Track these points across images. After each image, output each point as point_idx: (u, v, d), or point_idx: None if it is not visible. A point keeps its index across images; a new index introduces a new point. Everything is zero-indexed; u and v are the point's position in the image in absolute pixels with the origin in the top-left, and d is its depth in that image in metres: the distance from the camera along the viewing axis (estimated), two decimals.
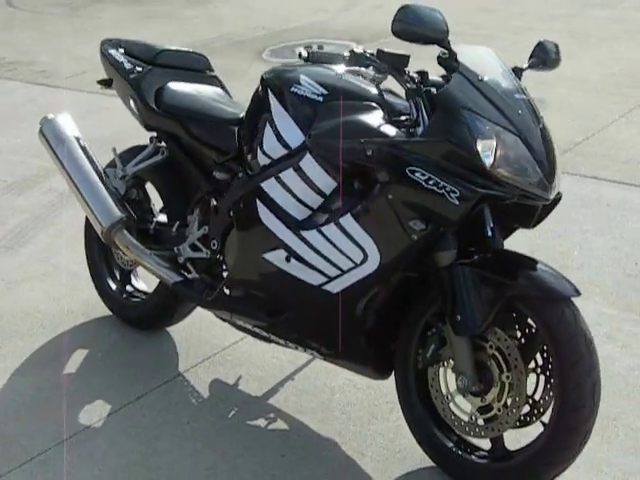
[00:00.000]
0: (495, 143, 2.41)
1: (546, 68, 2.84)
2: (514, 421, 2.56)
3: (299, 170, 2.72)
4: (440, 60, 2.57)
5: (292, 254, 2.74)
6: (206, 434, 2.96)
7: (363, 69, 2.59)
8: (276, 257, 2.78)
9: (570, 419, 2.45)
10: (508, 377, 2.54)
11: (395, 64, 2.56)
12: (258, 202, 2.80)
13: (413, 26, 2.42)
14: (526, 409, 2.60)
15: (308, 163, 2.70)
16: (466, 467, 2.68)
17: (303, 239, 2.71)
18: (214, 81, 3.44)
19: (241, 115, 3.04)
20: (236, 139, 3.01)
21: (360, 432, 2.95)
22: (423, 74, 2.60)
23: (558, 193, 2.64)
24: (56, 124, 3.48)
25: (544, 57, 2.81)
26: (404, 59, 2.58)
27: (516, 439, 2.68)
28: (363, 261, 2.61)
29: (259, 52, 7.88)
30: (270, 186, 2.79)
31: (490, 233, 2.54)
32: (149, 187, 3.49)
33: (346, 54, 2.59)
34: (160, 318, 3.46)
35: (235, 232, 2.95)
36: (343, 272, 2.66)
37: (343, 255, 2.64)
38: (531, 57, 2.82)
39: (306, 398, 3.13)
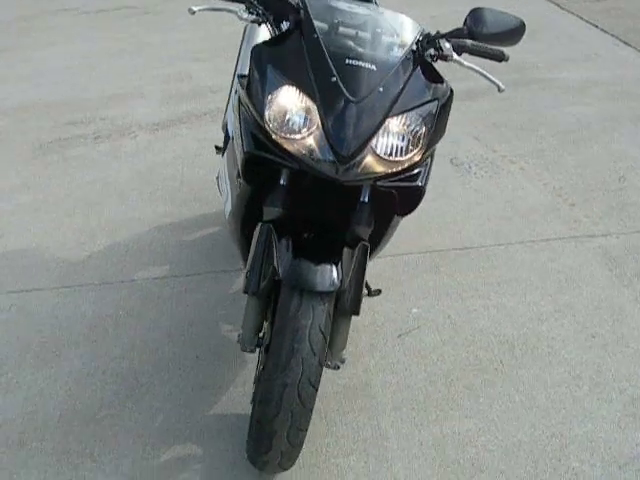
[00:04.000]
0: (283, 105, 2.27)
1: (482, 40, 2.42)
2: None
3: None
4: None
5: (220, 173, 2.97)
6: (164, 324, 3.31)
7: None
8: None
9: (258, 411, 2.35)
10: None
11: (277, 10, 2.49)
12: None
13: None
14: None
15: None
16: None
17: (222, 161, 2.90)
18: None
19: None
20: None
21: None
22: None
23: (418, 186, 2.36)
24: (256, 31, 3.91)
25: (473, 28, 2.40)
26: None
27: None
28: (227, 198, 2.72)
29: None
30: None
31: (358, 208, 2.39)
32: None
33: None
34: None
35: None
36: (225, 201, 2.82)
37: (225, 184, 2.78)
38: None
39: None
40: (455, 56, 2.50)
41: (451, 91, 2.47)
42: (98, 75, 5.99)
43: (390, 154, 2.29)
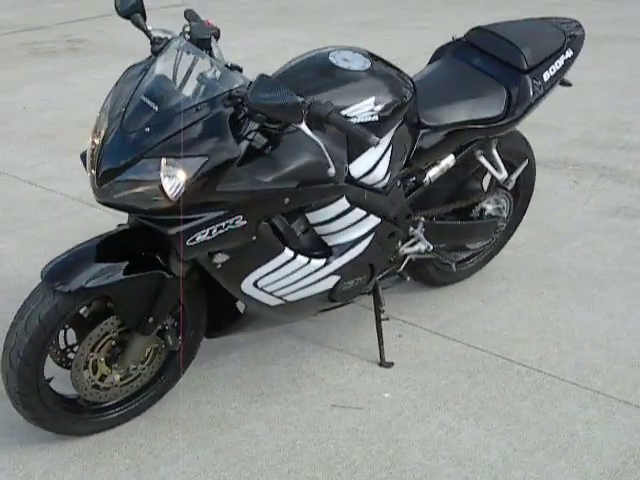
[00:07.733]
0: (97, 123, 2.61)
1: (257, 111, 2.43)
2: None
3: None
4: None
5: None
6: None
7: None
8: None
9: None
10: None
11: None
12: None
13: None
14: None
15: None
16: None
17: None
18: (500, 83, 3.31)
19: None
20: None
21: None
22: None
23: (166, 232, 2.48)
24: None
25: (249, 95, 2.38)
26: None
27: None
28: None
29: None
30: None
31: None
32: None
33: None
34: None
35: None
36: None
37: None
38: None
39: None
40: (302, 125, 2.37)
41: (237, 156, 2.45)
42: None
43: (147, 192, 2.43)
